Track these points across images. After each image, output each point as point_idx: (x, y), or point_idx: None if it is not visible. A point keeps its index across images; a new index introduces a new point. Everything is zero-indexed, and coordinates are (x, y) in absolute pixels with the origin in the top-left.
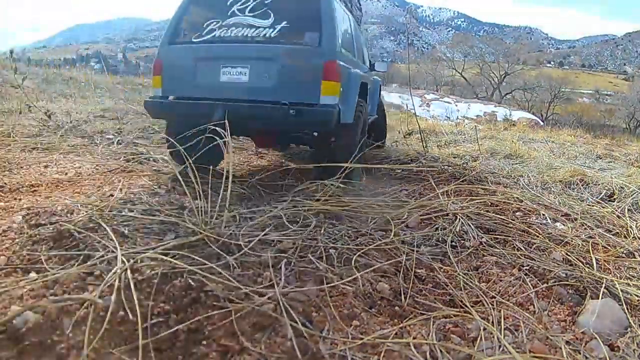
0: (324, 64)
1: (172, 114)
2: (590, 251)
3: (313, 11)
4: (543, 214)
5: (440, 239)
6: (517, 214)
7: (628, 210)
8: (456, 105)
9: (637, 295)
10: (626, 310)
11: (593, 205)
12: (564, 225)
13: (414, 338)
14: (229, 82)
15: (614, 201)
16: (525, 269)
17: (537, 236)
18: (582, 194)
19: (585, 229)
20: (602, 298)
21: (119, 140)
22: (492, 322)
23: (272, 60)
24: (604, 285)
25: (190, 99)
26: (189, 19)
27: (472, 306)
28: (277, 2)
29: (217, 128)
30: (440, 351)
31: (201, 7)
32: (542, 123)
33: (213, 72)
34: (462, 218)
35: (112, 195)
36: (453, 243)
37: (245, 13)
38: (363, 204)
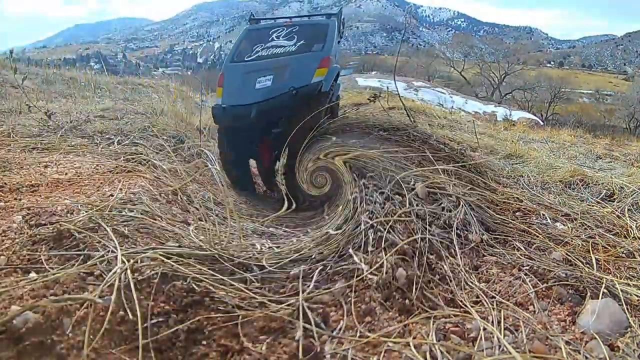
0: (321, 58)
1: (227, 120)
2: (590, 251)
3: (322, 32)
4: (543, 214)
5: (447, 221)
6: (517, 214)
7: (628, 210)
8: (451, 97)
9: (637, 295)
10: (626, 310)
11: (593, 205)
12: (564, 225)
13: (414, 338)
14: (260, 88)
15: (614, 201)
16: (525, 269)
17: (537, 236)
18: (582, 194)
19: (585, 229)
20: (602, 298)
21: (119, 140)
22: (492, 322)
23: (288, 65)
24: (604, 285)
25: (237, 105)
26: (245, 44)
27: (472, 306)
28: (300, 29)
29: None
30: (440, 351)
31: (252, 36)
32: (542, 123)
33: (252, 82)
34: (465, 206)
35: (112, 195)
36: (458, 231)
37: (280, 38)
38: (371, 155)
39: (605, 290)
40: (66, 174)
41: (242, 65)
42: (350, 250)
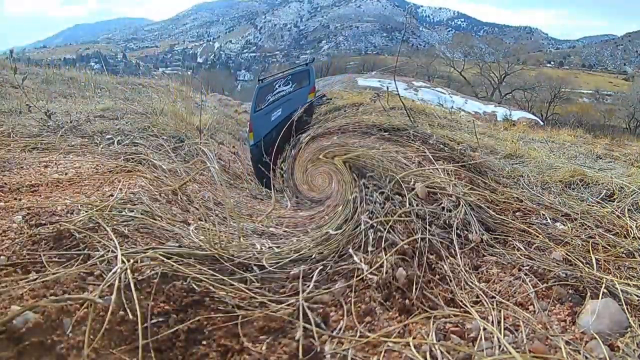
0: (310, 88)
1: (260, 151)
2: (590, 251)
3: (306, 75)
4: (543, 214)
5: (447, 221)
6: (517, 214)
7: (628, 210)
8: (451, 97)
9: (637, 295)
10: (626, 310)
11: (593, 205)
12: (564, 225)
13: (414, 338)
14: (274, 119)
15: (614, 201)
16: (525, 269)
17: (537, 236)
18: (582, 194)
19: (585, 229)
20: (602, 298)
21: (119, 140)
22: (492, 322)
23: (291, 99)
24: (604, 285)
25: (263, 138)
26: (261, 97)
27: (472, 306)
28: (293, 77)
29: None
30: (440, 351)
31: (264, 90)
32: (542, 123)
33: (269, 118)
34: (465, 206)
35: (112, 195)
36: (458, 231)
37: (280, 86)
38: (371, 155)
39: (605, 290)
40: (66, 174)
41: (261, 112)
42: (350, 250)
